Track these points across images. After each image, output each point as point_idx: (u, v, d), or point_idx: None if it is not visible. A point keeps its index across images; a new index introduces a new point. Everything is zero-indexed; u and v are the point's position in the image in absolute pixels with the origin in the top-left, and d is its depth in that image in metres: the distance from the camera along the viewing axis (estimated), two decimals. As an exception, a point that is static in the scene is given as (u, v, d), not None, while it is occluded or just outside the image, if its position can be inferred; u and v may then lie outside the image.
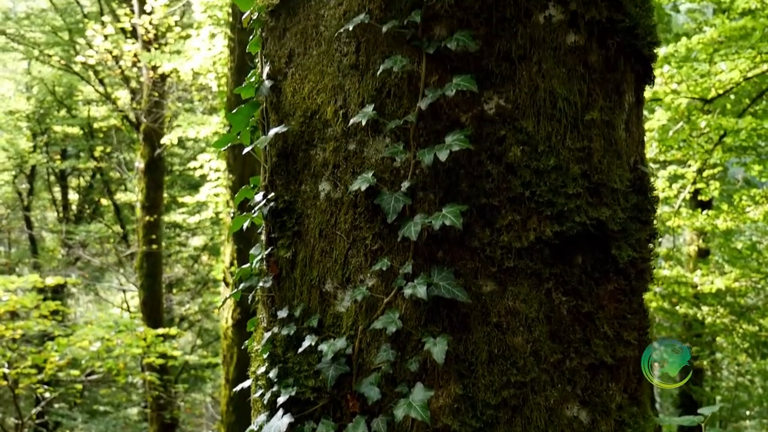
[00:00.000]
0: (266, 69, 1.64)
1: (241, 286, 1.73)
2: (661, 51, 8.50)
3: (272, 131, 1.56)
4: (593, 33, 1.48)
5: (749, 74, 8.12)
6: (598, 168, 1.45)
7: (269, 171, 1.62)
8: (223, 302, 2.39)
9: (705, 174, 9.93)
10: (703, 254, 12.09)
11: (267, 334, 1.58)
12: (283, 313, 1.54)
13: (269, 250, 1.59)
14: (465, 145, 1.35)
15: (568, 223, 1.39)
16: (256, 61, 1.70)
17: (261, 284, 1.62)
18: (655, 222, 1.53)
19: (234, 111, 1.64)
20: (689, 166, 9.80)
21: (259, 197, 1.62)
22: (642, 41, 1.54)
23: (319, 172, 1.53)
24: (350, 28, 1.44)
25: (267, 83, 1.61)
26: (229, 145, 1.72)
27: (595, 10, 1.47)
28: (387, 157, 1.44)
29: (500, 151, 1.41)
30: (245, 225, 1.74)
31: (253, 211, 1.68)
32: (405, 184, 1.40)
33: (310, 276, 1.52)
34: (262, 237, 1.65)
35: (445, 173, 1.40)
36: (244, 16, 1.80)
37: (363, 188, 1.41)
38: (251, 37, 1.71)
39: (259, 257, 1.64)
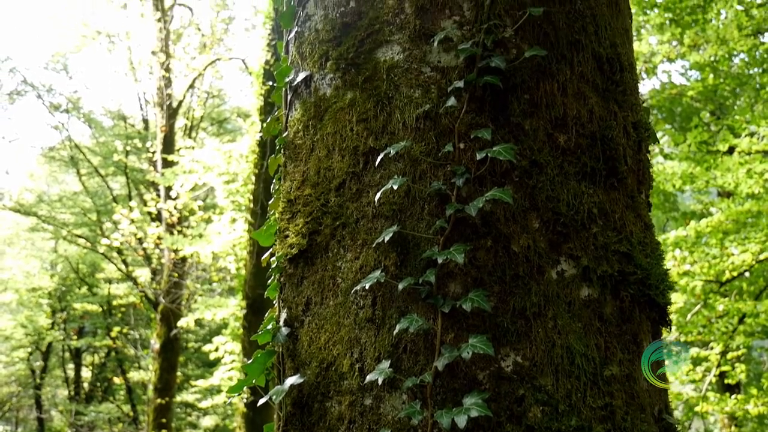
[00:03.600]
0: (283, 315, 1.66)
1: None
2: (671, 234, 8.65)
3: (288, 382, 1.55)
4: (606, 286, 1.51)
5: (761, 257, 8.17)
6: (621, 426, 1.41)
7: (284, 420, 1.59)
8: None
9: (729, 356, 9.68)
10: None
11: None
12: None
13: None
14: (484, 411, 1.32)
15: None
16: (274, 304, 1.73)
17: None
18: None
19: (250, 361, 1.64)
20: (711, 348, 9.58)
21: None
22: (656, 290, 1.56)
23: (335, 426, 1.50)
24: (366, 286, 1.48)
25: (284, 330, 1.63)
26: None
27: (606, 264, 1.51)
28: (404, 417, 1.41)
29: (520, 412, 1.38)
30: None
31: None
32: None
33: None
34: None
35: (463, 433, 1.36)
36: (263, 257, 1.86)
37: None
38: (269, 281, 1.76)
39: None
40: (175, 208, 12.24)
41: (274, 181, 1.89)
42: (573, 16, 1.61)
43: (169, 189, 12.31)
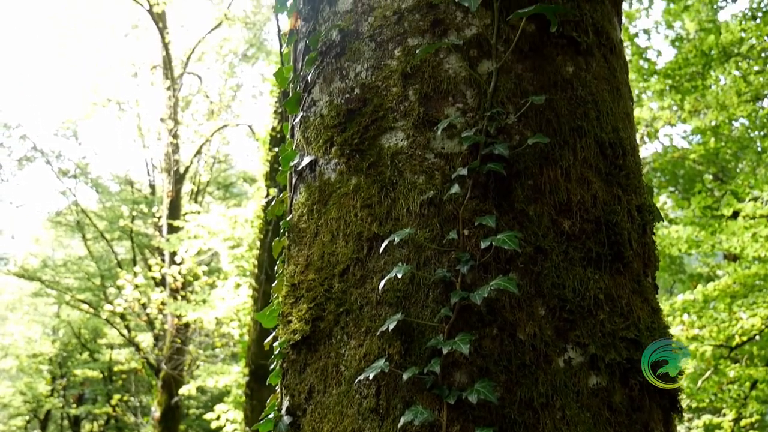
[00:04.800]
0: (285, 403, 1.63)
1: None
2: (679, 298, 8.58)
3: (290, 475, 1.51)
4: (615, 374, 1.48)
5: (771, 321, 8.07)
6: None
7: None
8: None
9: (743, 423, 9.45)
10: None
11: None
12: None
13: None
14: None
15: None
16: (277, 393, 1.70)
17: None
18: None
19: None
20: (724, 415, 9.38)
21: None
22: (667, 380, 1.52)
23: None
24: (370, 376, 1.45)
25: (286, 419, 1.59)
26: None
27: (614, 351, 1.48)
28: None
29: None
30: None
31: None
32: None
33: None
34: None
35: None
36: (265, 341, 1.84)
37: None
38: (271, 368, 1.73)
39: None
40: (179, 273, 12.22)
41: (277, 263, 1.89)
42: (575, 103, 1.64)
43: (173, 254, 12.32)
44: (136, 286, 12.96)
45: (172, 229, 13.08)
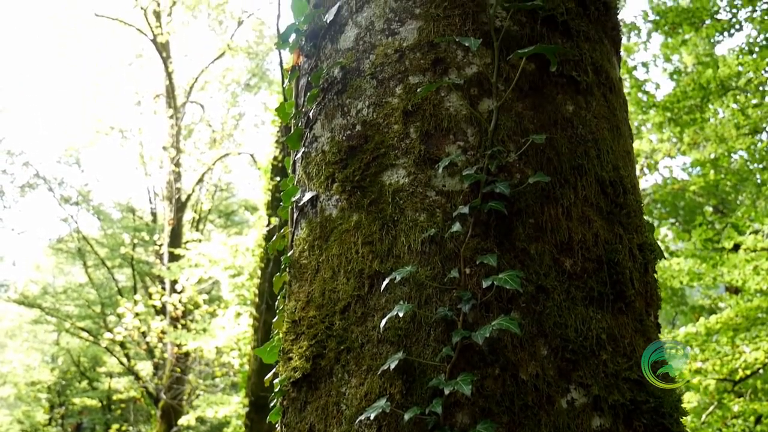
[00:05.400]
0: (286, 442, 1.61)
1: None
2: (681, 331, 8.52)
3: None
4: (618, 416, 1.46)
5: (774, 355, 8.01)
6: None
7: None
8: None
9: (749, 458, 9.32)
10: None
11: None
12: None
13: None
14: None
15: None
16: (276, 428, 1.68)
17: None
18: None
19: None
20: (730, 449, 9.24)
21: None
22: (670, 419, 1.51)
23: None
24: (371, 416, 1.44)
25: (286, 459, 1.57)
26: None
27: (617, 392, 1.47)
28: None
29: None
30: None
31: None
32: None
33: None
34: None
35: None
36: (266, 378, 1.83)
37: None
38: (271, 406, 1.72)
39: None
40: (179, 301, 12.18)
41: (278, 298, 1.88)
42: (575, 141, 1.65)
43: (174, 282, 12.29)
44: (137, 315, 12.91)
45: (173, 257, 13.07)
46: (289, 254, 1.81)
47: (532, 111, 1.64)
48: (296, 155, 1.90)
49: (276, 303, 1.89)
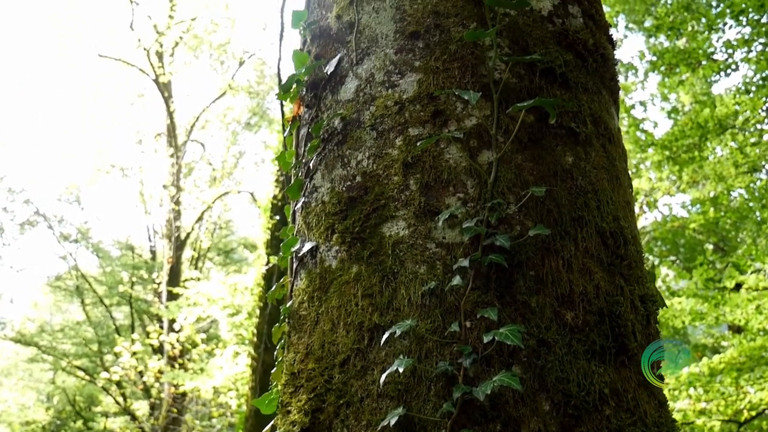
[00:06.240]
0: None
1: None
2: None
3: None
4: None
5: (778, 397, 7.92)
6: None
7: None
8: None
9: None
10: None
11: None
12: None
13: None
14: None
15: None
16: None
17: None
18: None
19: None
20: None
21: None
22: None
23: None
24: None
25: None
26: None
27: (620, 449, 1.44)
28: None
29: None
30: None
31: None
32: None
33: None
34: None
35: None
36: (264, 430, 1.80)
37: None
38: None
39: None
40: (177, 340, 12.09)
41: (277, 349, 1.87)
42: (575, 193, 1.65)
43: (172, 321, 12.21)
44: (134, 354, 12.79)
45: (172, 296, 13.00)
46: (288, 305, 1.79)
47: (531, 162, 1.65)
48: (296, 205, 1.91)
49: (275, 354, 1.87)
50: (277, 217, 10.55)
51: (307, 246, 1.77)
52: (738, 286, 8.28)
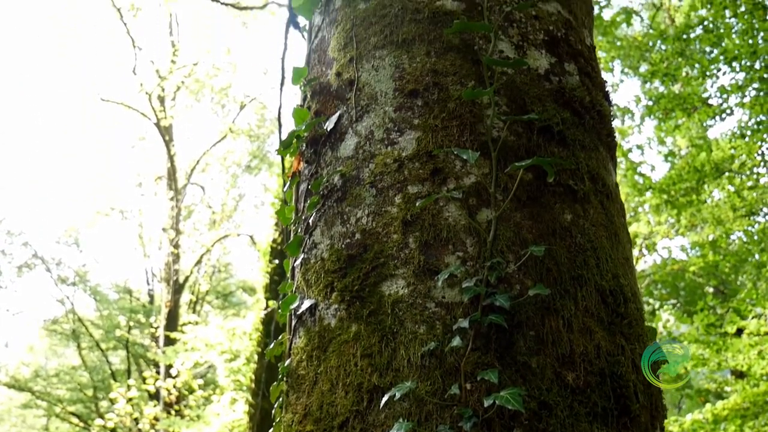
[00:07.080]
0: None
1: None
2: (687, 417, 8.32)
3: None
4: None
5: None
6: None
7: None
8: None
9: None
10: None
11: None
12: None
13: None
14: None
15: None
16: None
17: None
18: None
19: None
20: None
21: None
22: None
23: None
24: None
25: None
26: None
27: None
28: None
29: None
30: None
31: None
32: None
33: None
34: None
35: None
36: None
37: None
38: None
39: None
40: (174, 386, 11.94)
41: (275, 408, 1.84)
42: (574, 251, 1.65)
43: (169, 367, 12.08)
44: (129, 400, 12.61)
45: (169, 341, 12.89)
46: (286, 363, 1.78)
47: (530, 221, 1.65)
48: (295, 261, 1.90)
49: (272, 414, 1.84)
50: (276, 261, 10.52)
51: (306, 304, 1.76)
52: (739, 332, 8.22)
